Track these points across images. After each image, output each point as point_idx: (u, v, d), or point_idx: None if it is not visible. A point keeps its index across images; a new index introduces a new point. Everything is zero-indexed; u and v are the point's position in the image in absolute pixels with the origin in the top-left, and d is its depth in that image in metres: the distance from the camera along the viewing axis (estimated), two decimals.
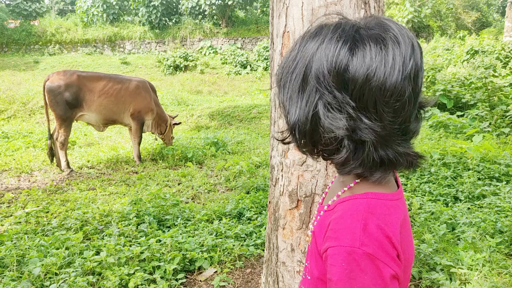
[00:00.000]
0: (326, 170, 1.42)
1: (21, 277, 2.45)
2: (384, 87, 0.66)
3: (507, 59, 12.91)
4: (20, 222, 3.62)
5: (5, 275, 2.45)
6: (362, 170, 0.74)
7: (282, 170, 1.51)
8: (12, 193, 4.74)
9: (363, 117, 0.68)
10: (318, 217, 0.84)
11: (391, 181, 0.81)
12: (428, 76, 9.45)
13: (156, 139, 6.97)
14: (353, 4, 1.23)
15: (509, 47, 13.52)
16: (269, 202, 1.70)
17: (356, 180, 0.79)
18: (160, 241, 2.98)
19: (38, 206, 4.12)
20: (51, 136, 5.88)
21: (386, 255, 0.68)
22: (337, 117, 0.68)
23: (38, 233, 3.29)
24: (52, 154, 5.93)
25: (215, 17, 21.14)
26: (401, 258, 0.72)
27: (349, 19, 0.74)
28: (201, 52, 20.25)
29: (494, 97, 8.14)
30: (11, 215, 3.90)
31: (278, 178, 1.54)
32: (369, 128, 0.68)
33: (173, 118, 7.06)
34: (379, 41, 0.67)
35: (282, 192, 1.52)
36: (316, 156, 0.80)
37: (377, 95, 0.66)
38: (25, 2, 22.64)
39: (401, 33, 0.68)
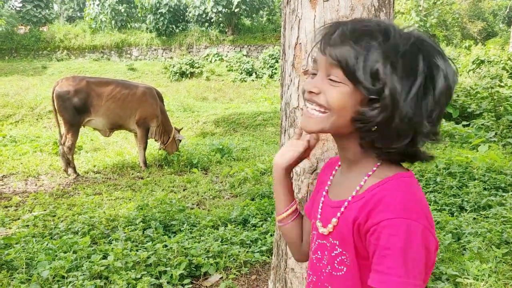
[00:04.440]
0: None
1: (30, 279, 2.48)
2: (451, 88, 0.80)
3: None
4: (28, 226, 3.66)
5: (14, 278, 2.49)
6: (402, 157, 0.86)
7: (292, 178, 1.54)
8: (19, 196, 4.80)
9: None
10: (343, 208, 0.87)
11: None
12: None
13: (160, 149, 6.92)
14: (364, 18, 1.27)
15: None
16: None
17: (377, 163, 0.86)
18: (166, 246, 3.00)
19: (45, 210, 4.17)
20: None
21: (432, 228, 0.77)
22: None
23: (45, 236, 3.32)
24: (68, 160, 5.90)
25: (221, 24, 21.32)
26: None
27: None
28: (207, 59, 20.40)
29: (500, 107, 8.14)
30: (19, 218, 3.95)
31: None
32: None
33: (179, 130, 6.92)
34: (440, 51, 0.80)
35: None
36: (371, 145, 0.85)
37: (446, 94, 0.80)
38: (34, 9, 22.97)
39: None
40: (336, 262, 0.88)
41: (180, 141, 6.90)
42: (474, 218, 3.48)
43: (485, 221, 3.37)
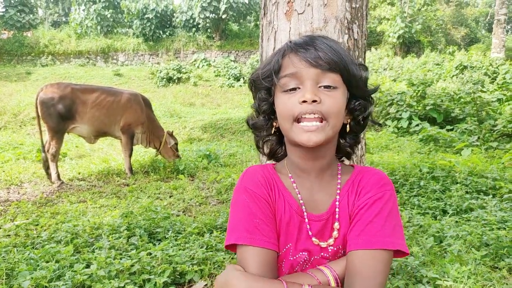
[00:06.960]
0: None
1: None
2: None
3: (494, 75, 13.19)
4: (9, 235, 3.59)
5: None
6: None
7: None
8: (1, 205, 4.71)
9: None
10: (337, 215, 0.93)
11: None
12: (419, 91, 9.64)
13: (156, 156, 6.88)
14: (337, 30, 1.30)
15: (496, 63, 13.84)
16: None
17: (338, 164, 0.98)
18: (150, 254, 2.98)
19: (27, 219, 4.10)
20: (44, 149, 5.85)
21: None
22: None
23: (27, 246, 3.26)
24: (48, 167, 5.84)
25: (209, 30, 21.35)
26: None
27: None
28: (194, 64, 20.38)
29: (482, 112, 8.33)
30: (0, 228, 3.87)
31: None
32: None
33: (171, 134, 6.71)
34: None
35: None
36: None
37: None
38: (18, 14, 22.63)
39: None
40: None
41: (177, 144, 6.77)
42: (456, 221, 3.55)
43: (466, 224, 3.44)
